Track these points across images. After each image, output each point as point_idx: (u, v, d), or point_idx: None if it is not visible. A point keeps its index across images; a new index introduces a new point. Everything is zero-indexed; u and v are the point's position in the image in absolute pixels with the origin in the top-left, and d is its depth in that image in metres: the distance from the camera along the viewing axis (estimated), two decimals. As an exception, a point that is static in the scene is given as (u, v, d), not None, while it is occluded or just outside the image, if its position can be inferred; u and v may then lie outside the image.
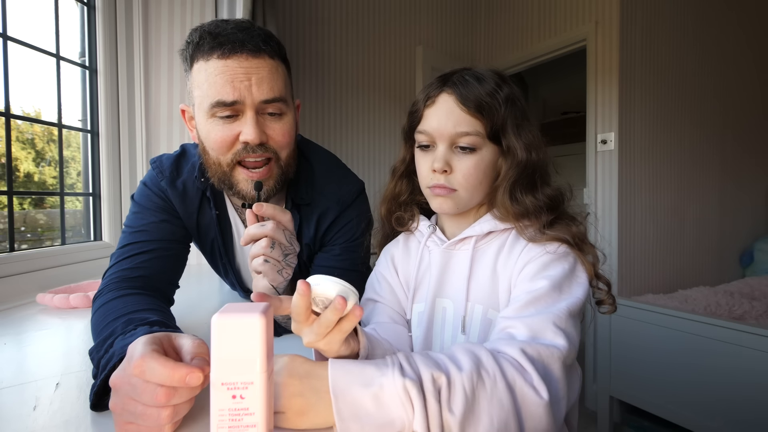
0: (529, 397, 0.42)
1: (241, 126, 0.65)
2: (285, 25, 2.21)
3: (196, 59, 0.66)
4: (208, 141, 0.68)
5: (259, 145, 0.66)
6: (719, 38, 2.98)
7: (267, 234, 0.61)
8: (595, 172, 2.47)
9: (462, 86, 0.58)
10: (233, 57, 0.63)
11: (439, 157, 0.59)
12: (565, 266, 0.55)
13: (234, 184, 0.70)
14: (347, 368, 0.41)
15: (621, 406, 1.90)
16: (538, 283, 0.52)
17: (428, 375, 0.40)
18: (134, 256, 0.70)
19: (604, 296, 0.61)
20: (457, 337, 0.60)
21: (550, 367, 0.45)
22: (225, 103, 0.63)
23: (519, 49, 2.96)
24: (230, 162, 0.68)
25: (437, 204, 0.62)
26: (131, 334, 0.48)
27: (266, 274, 0.62)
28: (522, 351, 0.44)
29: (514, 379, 0.42)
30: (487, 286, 0.60)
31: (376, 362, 0.43)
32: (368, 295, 0.70)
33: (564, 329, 0.48)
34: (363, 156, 2.58)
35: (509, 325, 0.49)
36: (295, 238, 0.65)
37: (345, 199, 0.80)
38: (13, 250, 1.07)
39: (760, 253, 3.21)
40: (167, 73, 1.46)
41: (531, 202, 0.58)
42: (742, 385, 1.47)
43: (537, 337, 0.47)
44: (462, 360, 0.42)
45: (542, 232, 0.57)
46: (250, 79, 0.64)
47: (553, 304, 0.50)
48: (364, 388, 0.39)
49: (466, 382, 0.40)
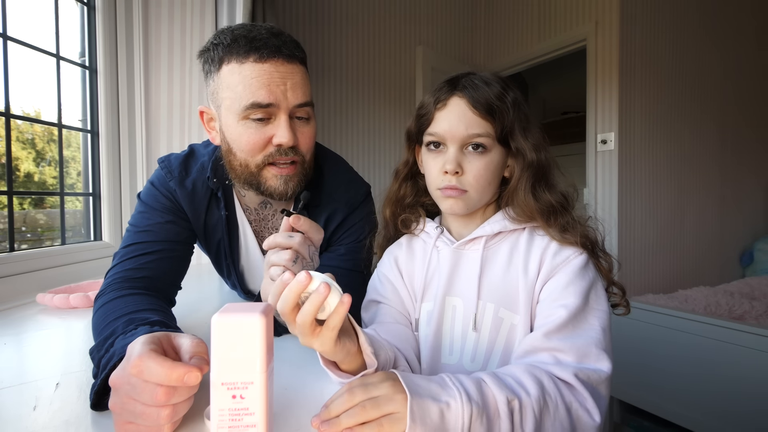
0: (584, 420, 0.47)
1: (274, 129, 0.67)
2: (285, 25, 2.21)
3: (228, 61, 0.66)
4: (239, 143, 0.68)
5: (290, 148, 0.68)
6: (719, 38, 2.98)
7: (293, 246, 0.61)
8: (595, 172, 2.47)
9: (473, 89, 0.60)
10: (270, 61, 0.65)
11: (451, 159, 0.60)
12: (590, 278, 0.57)
13: (262, 182, 0.71)
14: (414, 379, 0.43)
15: (621, 406, 1.90)
16: (570, 300, 0.54)
17: (503, 398, 0.43)
18: (138, 256, 0.70)
19: (619, 300, 0.63)
20: (468, 334, 0.61)
21: (598, 389, 0.49)
22: (260, 104, 0.65)
23: (519, 49, 2.96)
24: (260, 163, 0.69)
25: (448, 205, 0.62)
26: (132, 334, 0.48)
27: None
28: (576, 376, 0.48)
29: (571, 402, 0.46)
30: (499, 285, 0.61)
31: (435, 380, 0.44)
32: (371, 296, 0.70)
33: (605, 350, 0.52)
34: (362, 155, 2.58)
35: (555, 349, 0.52)
36: (317, 255, 0.66)
37: (353, 201, 0.81)
38: (13, 250, 1.07)
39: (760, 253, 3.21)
40: (167, 73, 1.46)
41: (552, 200, 0.60)
42: (743, 385, 1.47)
43: (583, 362, 0.50)
44: (527, 384, 0.45)
45: (563, 236, 0.59)
46: (285, 84, 0.66)
47: (588, 323, 0.53)
48: (433, 400, 0.41)
49: (535, 405, 0.44)
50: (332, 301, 0.40)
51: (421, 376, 0.45)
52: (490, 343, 0.60)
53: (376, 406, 0.41)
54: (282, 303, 0.42)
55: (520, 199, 0.61)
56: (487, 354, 0.59)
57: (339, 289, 0.42)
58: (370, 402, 0.41)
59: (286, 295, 0.42)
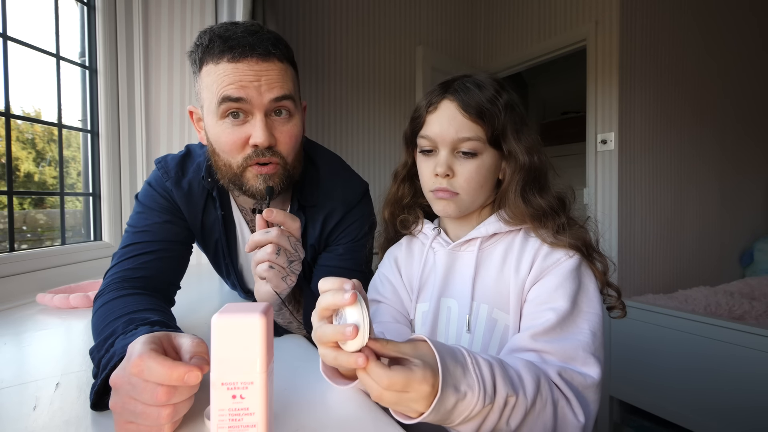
0: (569, 419, 0.47)
1: (250, 129, 0.66)
2: (285, 25, 2.21)
3: (206, 62, 0.66)
4: (219, 144, 0.68)
5: (267, 149, 0.67)
6: (719, 38, 2.98)
7: (272, 240, 0.60)
8: (595, 172, 2.47)
9: (463, 93, 0.60)
10: (243, 61, 0.64)
11: (442, 162, 0.60)
12: (580, 281, 0.56)
13: (245, 183, 0.70)
14: (449, 365, 0.41)
15: (621, 406, 1.90)
16: (558, 303, 0.54)
17: (504, 393, 0.43)
18: (136, 256, 0.70)
19: (615, 302, 0.63)
20: (462, 335, 0.61)
21: (584, 393, 0.50)
22: (230, 98, 0.63)
23: (519, 49, 2.96)
24: (241, 164, 0.68)
25: (440, 207, 0.63)
26: (132, 334, 0.48)
27: (270, 281, 0.62)
28: (559, 375, 0.49)
29: (557, 400, 0.47)
30: (493, 287, 0.61)
31: (459, 361, 0.42)
32: (371, 295, 0.71)
33: (593, 354, 0.52)
34: (362, 155, 2.58)
35: (541, 350, 0.51)
36: (300, 245, 0.65)
37: (350, 200, 0.81)
38: (13, 250, 1.07)
39: (760, 253, 3.21)
40: (167, 73, 1.45)
41: (543, 203, 0.60)
42: (742, 385, 1.47)
43: (568, 363, 0.51)
44: (527, 382, 0.45)
45: (555, 237, 0.58)
46: (259, 80, 0.64)
47: (577, 326, 0.53)
48: (454, 391, 0.40)
49: (529, 404, 0.44)
50: (351, 345, 0.39)
51: (451, 353, 0.42)
52: (484, 345, 0.60)
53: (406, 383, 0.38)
54: (317, 310, 0.42)
55: (510, 201, 0.61)
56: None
57: (365, 336, 0.39)
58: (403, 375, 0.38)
59: (322, 301, 0.41)
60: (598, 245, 0.62)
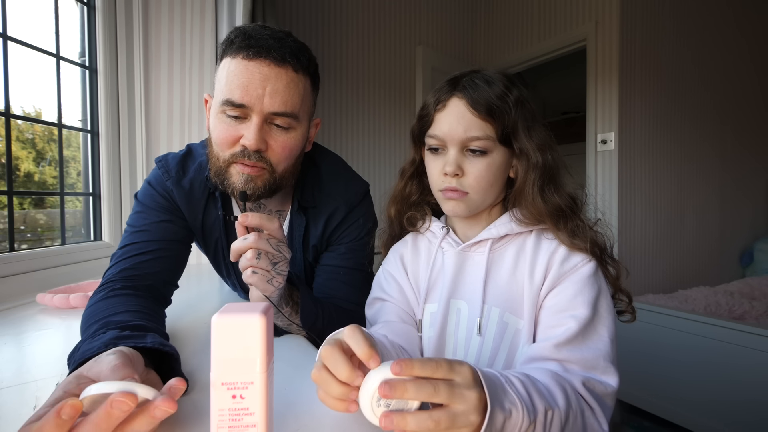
0: (595, 428, 0.48)
1: (244, 129, 0.66)
2: (285, 25, 2.21)
3: (226, 55, 0.67)
4: (214, 135, 0.69)
5: (255, 152, 0.66)
6: (719, 38, 2.98)
7: (250, 246, 0.59)
8: (595, 172, 2.47)
9: (472, 90, 0.58)
10: (256, 60, 0.64)
11: (451, 161, 0.59)
12: (599, 287, 0.56)
13: (227, 178, 0.70)
14: (494, 385, 0.40)
15: (621, 406, 1.90)
16: (579, 310, 0.53)
17: (542, 408, 0.43)
18: (134, 256, 0.70)
19: (626, 307, 0.63)
20: (472, 338, 0.60)
21: (604, 400, 0.51)
22: (233, 103, 0.64)
23: (519, 48, 2.96)
24: (227, 159, 0.68)
25: (449, 207, 0.62)
26: (98, 338, 0.48)
27: (256, 285, 0.61)
28: (584, 385, 0.49)
29: (584, 410, 0.48)
30: (504, 290, 0.59)
31: (496, 381, 0.42)
32: (375, 294, 0.70)
33: (612, 362, 0.52)
34: (363, 155, 2.58)
35: (564, 360, 0.52)
36: (285, 245, 0.64)
37: (352, 200, 0.81)
38: (13, 250, 1.07)
39: (760, 253, 3.21)
40: (167, 73, 1.45)
41: (561, 202, 0.59)
42: (742, 385, 1.47)
43: (591, 373, 0.51)
44: (556, 394, 0.46)
45: (572, 240, 0.57)
46: (264, 88, 0.64)
47: (597, 333, 0.53)
48: (501, 409, 0.39)
49: (563, 416, 0.44)
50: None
51: (491, 375, 0.42)
52: (494, 349, 0.59)
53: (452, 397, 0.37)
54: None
55: (528, 200, 0.60)
56: (491, 359, 0.59)
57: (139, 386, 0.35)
58: (447, 388, 0.37)
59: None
60: (611, 250, 0.61)
